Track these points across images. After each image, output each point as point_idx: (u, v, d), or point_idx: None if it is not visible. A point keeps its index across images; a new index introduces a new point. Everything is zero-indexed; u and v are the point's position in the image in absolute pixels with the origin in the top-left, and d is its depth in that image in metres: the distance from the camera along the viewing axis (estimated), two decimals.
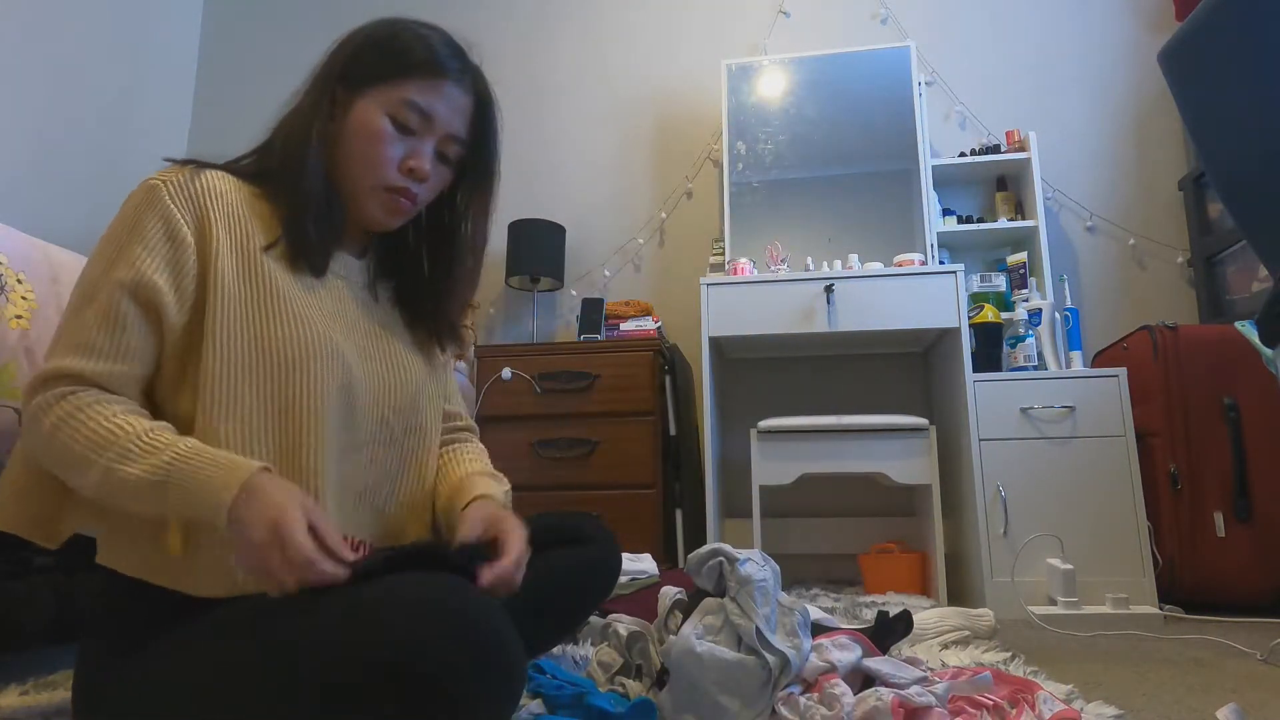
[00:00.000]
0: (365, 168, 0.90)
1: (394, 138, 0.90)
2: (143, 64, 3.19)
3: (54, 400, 0.76)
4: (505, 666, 0.68)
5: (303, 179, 0.88)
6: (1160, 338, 2.11)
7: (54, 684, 1.17)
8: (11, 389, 1.09)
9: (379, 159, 0.89)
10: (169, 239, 0.82)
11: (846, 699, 0.88)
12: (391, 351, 0.97)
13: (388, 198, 0.91)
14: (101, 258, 0.81)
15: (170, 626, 0.76)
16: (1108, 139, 2.80)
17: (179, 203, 0.83)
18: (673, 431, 2.46)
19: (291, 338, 0.83)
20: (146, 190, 0.83)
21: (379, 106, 0.89)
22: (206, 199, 0.85)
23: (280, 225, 0.89)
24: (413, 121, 0.90)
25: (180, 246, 0.82)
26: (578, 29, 3.23)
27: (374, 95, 0.90)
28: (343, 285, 0.95)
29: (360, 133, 0.89)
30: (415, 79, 0.90)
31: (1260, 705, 1.13)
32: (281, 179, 0.89)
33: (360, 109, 0.90)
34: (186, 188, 0.84)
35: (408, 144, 0.91)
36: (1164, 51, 1.25)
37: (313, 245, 0.89)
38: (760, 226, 2.70)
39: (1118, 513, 2.03)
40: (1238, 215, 1.22)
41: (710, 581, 1.01)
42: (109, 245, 0.82)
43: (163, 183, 0.83)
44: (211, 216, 0.84)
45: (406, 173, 0.91)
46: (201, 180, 0.85)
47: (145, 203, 0.82)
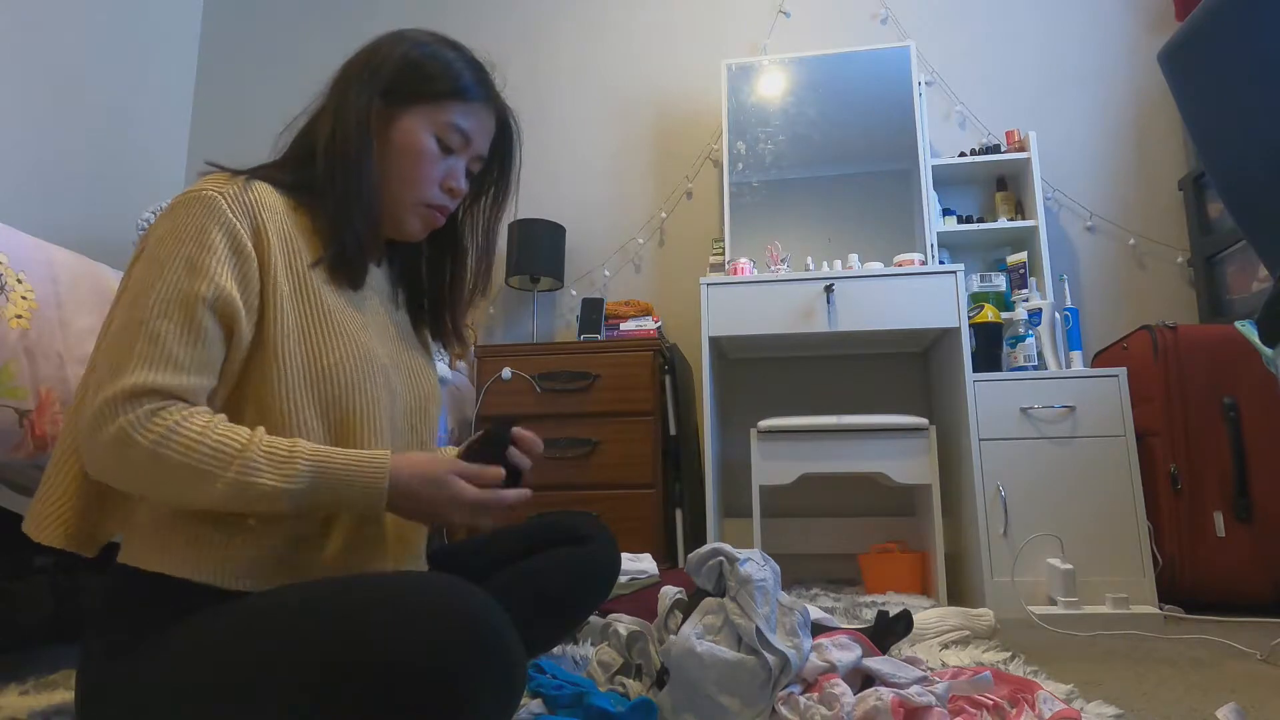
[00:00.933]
0: (409, 185, 0.92)
1: (438, 157, 0.93)
2: (143, 64, 3.19)
3: (147, 417, 0.74)
4: (506, 666, 0.68)
5: (361, 193, 0.89)
6: (1160, 337, 2.11)
7: (54, 683, 1.17)
8: (11, 388, 1.09)
9: (424, 178, 0.92)
10: (235, 252, 0.81)
11: (846, 699, 0.88)
12: (413, 359, 1.00)
13: (426, 213, 0.95)
14: (169, 270, 0.79)
15: (173, 626, 0.76)
16: (1108, 139, 2.80)
17: (238, 215, 0.82)
18: (673, 431, 2.46)
19: (346, 357, 0.85)
20: (205, 201, 0.81)
21: (426, 126, 0.92)
22: (260, 212, 0.84)
23: (323, 239, 0.89)
24: (454, 142, 0.94)
25: (246, 260, 0.82)
26: (578, 29, 3.23)
27: (419, 114, 0.92)
28: (374, 296, 0.97)
29: (407, 151, 0.91)
30: (459, 102, 0.93)
31: (1260, 705, 1.13)
32: (329, 193, 0.89)
33: (405, 126, 0.92)
34: (242, 199, 0.83)
35: (448, 163, 0.94)
36: (1164, 51, 1.25)
37: (359, 260, 0.91)
38: (760, 226, 2.70)
39: (1118, 513, 2.03)
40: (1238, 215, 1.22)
41: (710, 581, 1.01)
42: (174, 258, 0.79)
43: (219, 194, 0.82)
44: (266, 230, 0.84)
45: (446, 191, 0.95)
46: (253, 193, 0.85)
47: (207, 214, 0.80)
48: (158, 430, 0.74)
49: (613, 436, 2.38)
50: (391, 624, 0.66)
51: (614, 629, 1.15)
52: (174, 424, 0.75)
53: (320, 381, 0.83)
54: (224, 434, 0.76)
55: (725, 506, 2.62)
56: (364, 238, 0.90)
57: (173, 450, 0.74)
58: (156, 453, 0.74)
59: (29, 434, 1.11)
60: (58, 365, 1.15)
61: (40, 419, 1.12)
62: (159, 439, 0.74)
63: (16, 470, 1.20)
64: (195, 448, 0.75)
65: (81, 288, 1.23)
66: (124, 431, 0.74)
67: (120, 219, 2.91)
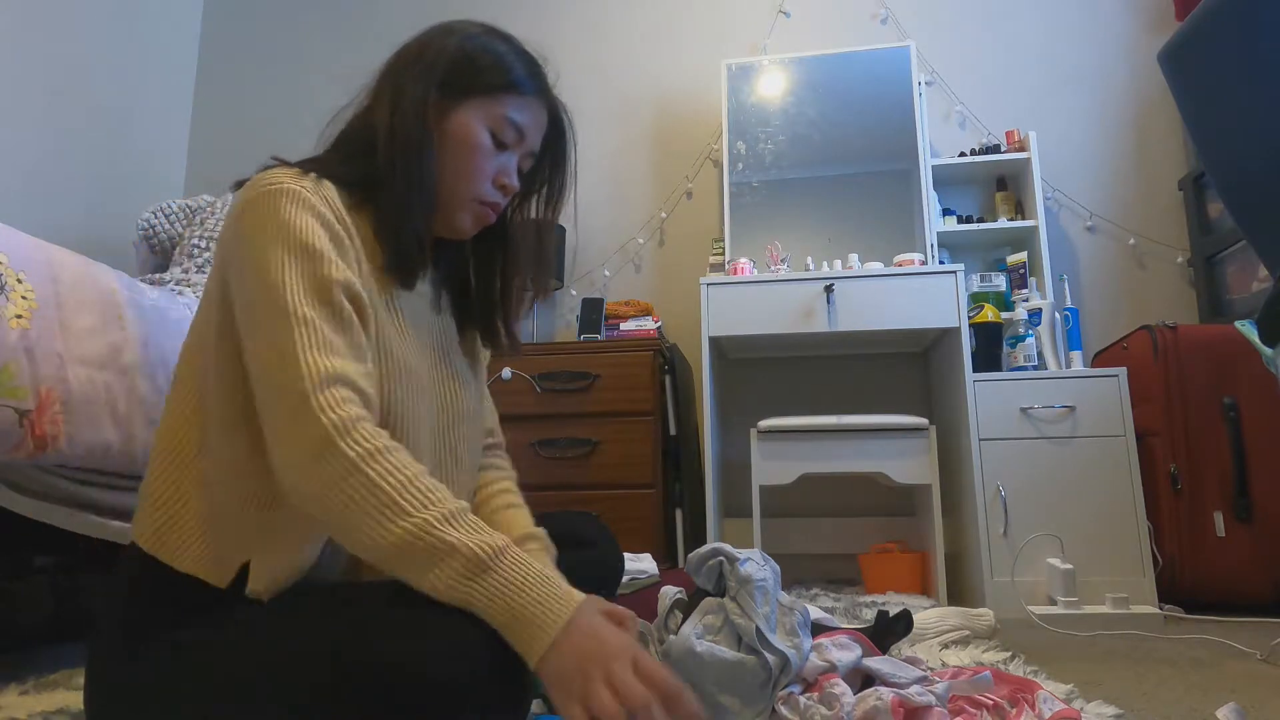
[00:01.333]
0: (463, 179, 0.88)
1: (492, 152, 0.89)
2: (143, 64, 3.19)
3: (355, 422, 0.69)
4: (512, 673, 0.68)
5: (423, 189, 0.86)
6: (1160, 337, 2.11)
7: (54, 683, 1.17)
8: (11, 388, 1.09)
9: (479, 172, 0.88)
10: (334, 241, 0.78)
11: (846, 698, 0.88)
12: (455, 369, 0.95)
13: (479, 209, 0.91)
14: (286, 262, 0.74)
15: (182, 627, 0.75)
16: (1108, 139, 2.80)
17: (324, 209, 0.79)
18: (673, 431, 2.46)
19: (387, 374, 0.81)
20: (290, 194, 0.77)
21: (481, 120, 0.88)
22: (338, 207, 0.81)
23: (381, 238, 0.85)
24: (509, 137, 0.90)
25: (345, 250, 0.79)
26: (578, 29, 3.23)
27: (475, 107, 0.88)
28: (418, 300, 0.93)
29: (462, 144, 0.88)
30: (513, 95, 0.90)
31: (1260, 705, 1.13)
32: (390, 185, 0.85)
33: (461, 119, 0.88)
34: (320, 193, 0.80)
35: (501, 159, 0.91)
36: (1164, 51, 1.25)
37: (415, 259, 0.87)
38: (760, 226, 2.69)
39: (1118, 513, 2.03)
40: (1238, 215, 1.22)
41: (710, 581, 1.00)
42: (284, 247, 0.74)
43: (300, 188, 0.78)
44: (346, 227, 0.81)
45: (499, 187, 0.91)
46: (324, 190, 0.81)
47: (296, 207, 0.76)
48: (365, 443, 0.69)
49: (613, 436, 2.38)
50: (399, 630, 0.66)
51: None
52: (385, 447, 0.70)
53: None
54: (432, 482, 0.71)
55: (725, 506, 2.62)
56: (423, 233, 0.86)
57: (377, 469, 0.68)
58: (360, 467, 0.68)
59: (29, 434, 1.11)
60: (58, 365, 1.15)
61: (40, 419, 1.12)
62: (366, 454, 0.69)
63: (16, 471, 1.20)
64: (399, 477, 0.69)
65: (82, 288, 1.23)
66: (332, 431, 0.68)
67: (120, 219, 2.90)
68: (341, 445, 0.68)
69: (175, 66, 3.39)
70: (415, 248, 0.86)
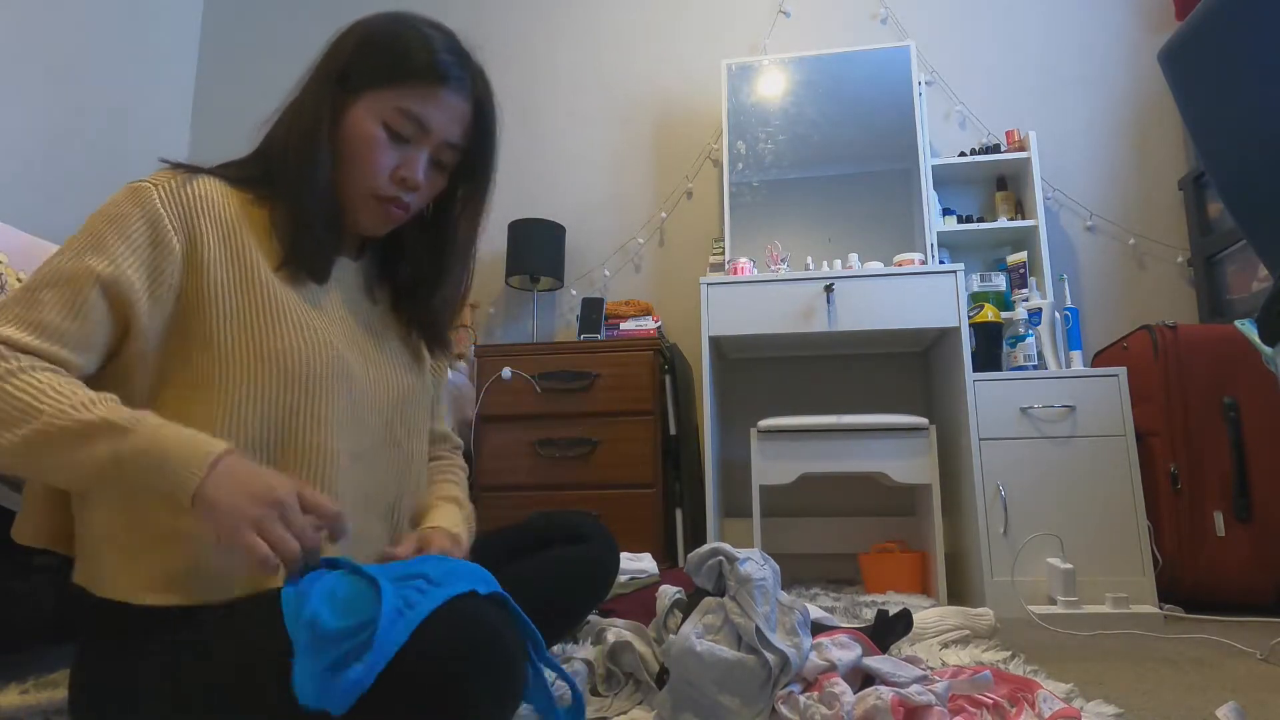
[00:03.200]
0: (358, 175, 0.88)
1: (387, 145, 0.87)
2: (143, 63, 3.19)
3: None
4: (505, 667, 0.68)
5: (314, 185, 0.86)
6: (1160, 337, 2.11)
7: (54, 682, 1.17)
8: None
9: (371, 167, 0.87)
10: (153, 243, 0.80)
11: (846, 698, 0.88)
12: (390, 354, 0.96)
13: (378, 205, 0.90)
14: (75, 246, 0.78)
15: (165, 627, 0.75)
16: (1108, 139, 2.80)
17: (169, 208, 0.81)
18: (673, 431, 2.46)
19: (294, 348, 0.82)
20: (135, 191, 0.81)
21: (374, 113, 0.87)
22: (198, 206, 0.83)
23: (279, 232, 0.86)
24: (407, 130, 0.88)
25: (164, 252, 0.80)
26: (578, 29, 3.23)
27: (370, 100, 0.87)
28: (339, 289, 0.93)
29: (355, 139, 0.87)
30: (412, 85, 0.87)
31: (1260, 704, 1.13)
32: (287, 184, 0.87)
33: (356, 114, 0.87)
34: (178, 194, 0.82)
35: (401, 152, 0.89)
36: (1164, 51, 1.25)
37: (319, 253, 0.88)
38: (760, 226, 2.70)
39: (1118, 512, 2.03)
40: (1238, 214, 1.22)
41: (710, 581, 1.01)
42: (86, 236, 0.79)
43: (154, 185, 0.81)
44: (202, 225, 0.82)
45: (398, 182, 0.89)
46: (194, 187, 0.83)
47: (133, 202, 0.80)
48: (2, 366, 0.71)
49: (613, 436, 2.38)
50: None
51: (604, 635, 1.13)
52: (17, 368, 0.72)
53: (265, 372, 0.80)
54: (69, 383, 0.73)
55: (725, 506, 2.62)
56: (319, 229, 0.87)
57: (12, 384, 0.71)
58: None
59: None
60: None
61: None
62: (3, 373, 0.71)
63: None
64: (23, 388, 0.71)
65: None
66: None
67: None
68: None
69: (175, 66, 3.39)
70: (311, 244, 0.87)
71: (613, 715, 0.99)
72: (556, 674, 0.83)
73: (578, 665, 1.09)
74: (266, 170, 0.89)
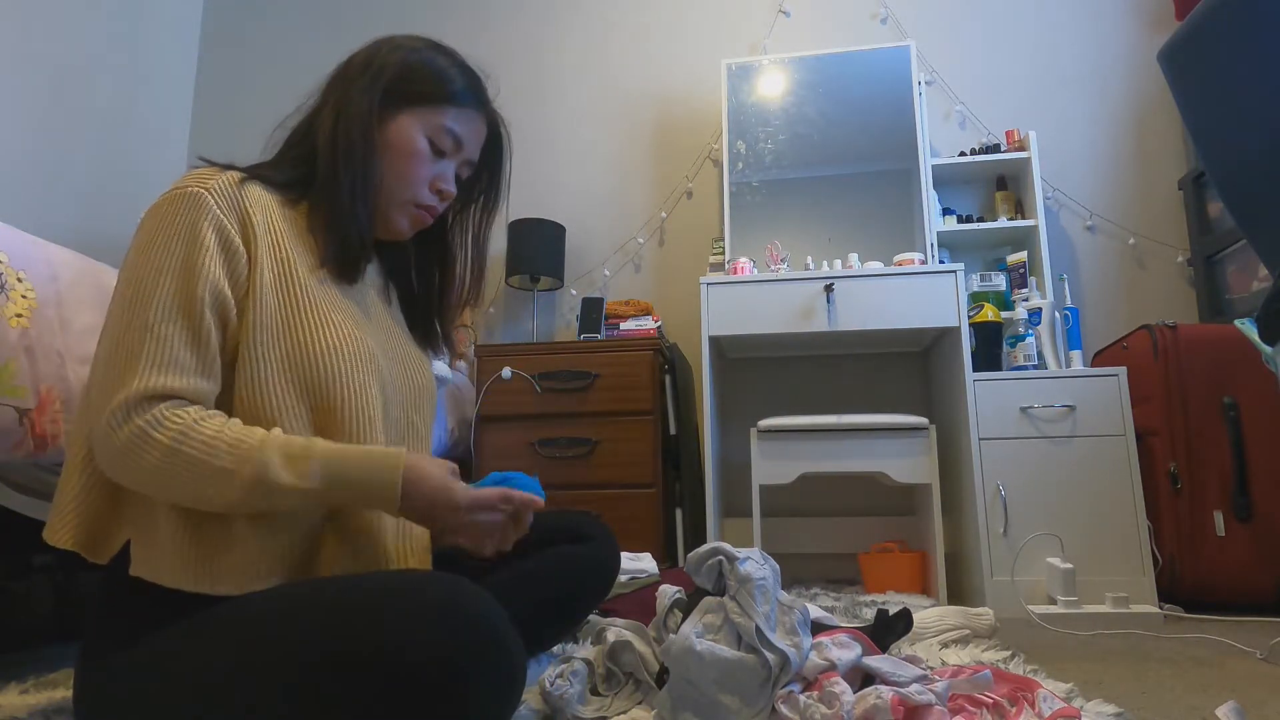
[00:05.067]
0: (401, 184, 0.94)
1: (429, 159, 0.95)
2: (143, 63, 3.19)
3: (163, 418, 0.75)
4: (506, 664, 0.68)
5: (364, 190, 0.91)
6: (1160, 337, 2.11)
7: (54, 682, 1.17)
8: (11, 387, 1.09)
9: (416, 178, 0.95)
10: (224, 249, 0.81)
11: (846, 697, 0.88)
12: (407, 352, 1.02)
13: (416, 213, 0.97)
14: (166, 272, 0.79)
15: (172, 625, 0.76)
16: (1108, 139, 2.80)
17: (227, 215, 0.82)
18: (673, 431, 2.46)
19: (333, 346, 0.85)
20: (192, 198, 0.81)
21: (420, 127, 0.94)
22: (248, 206, 0.85)
23: (319, 236, 0.91)
24: (446, 145, 0.96)
25: (235, 256, 0.82)
26: (579, 29, 3.23)
27: (414, 116, 0.94)
28: (369, 290, 0.99)
29: (401, 150, 0.93)
30: (452, 106, 0.96)
31: (1260, 704, 1.13)
32: (334, 188, 0.90)
33: (401, 126, 0.94)
34: (229, 194, 0.83)
35: (439, 166, 0.97)
36: (1164, 51, 1.25)
37: (360, 254, 0.93)
38: (760, 226, 2.70)
39: (1118, 512, 2.03)
40: (1237, 214, 1.22)
41: (710, 580, 1.00)
42: (168, 257, 0.79)
43: (206, 190, 0.82)
44: (253, 225, 0.84)
45: (436, 192, 0.97)
46: (241, 189, 0.85)
47: (195, 210, 0.81)
48: (174, 428, 0.75)
49: (613, 436, 2.38)
50: (393, 622, 0.66)
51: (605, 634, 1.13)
52: (191, 422, 0.75)
53: (305, 369, 0.83)
54: (240, 433, 0.77)
55: (725, 506, 2.62)
56: (363, 232, 0.92)
57: (191, 447, 0.74)
58: (175, 450, 0.74)
59: (29, 433, 1.11)
60: (58, 364, 1.15)
61: (40, 418, 1.12)
62: (177, 436, 0.74)
63: (17, 469, 1.20)
64: (213, 445, 0.75)
65: (82, 286, 1.23)
66: (142, 431, 0.74)
67: (120, 219, 2.90)
68: (155, 435, 0.74)
69: (175, 66, 3.39)
70: (357, 246, 0.91)
71: (613, 715, 0.99)
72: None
73: (578, 665, 1.09)
74: (307, 173, 0.93)
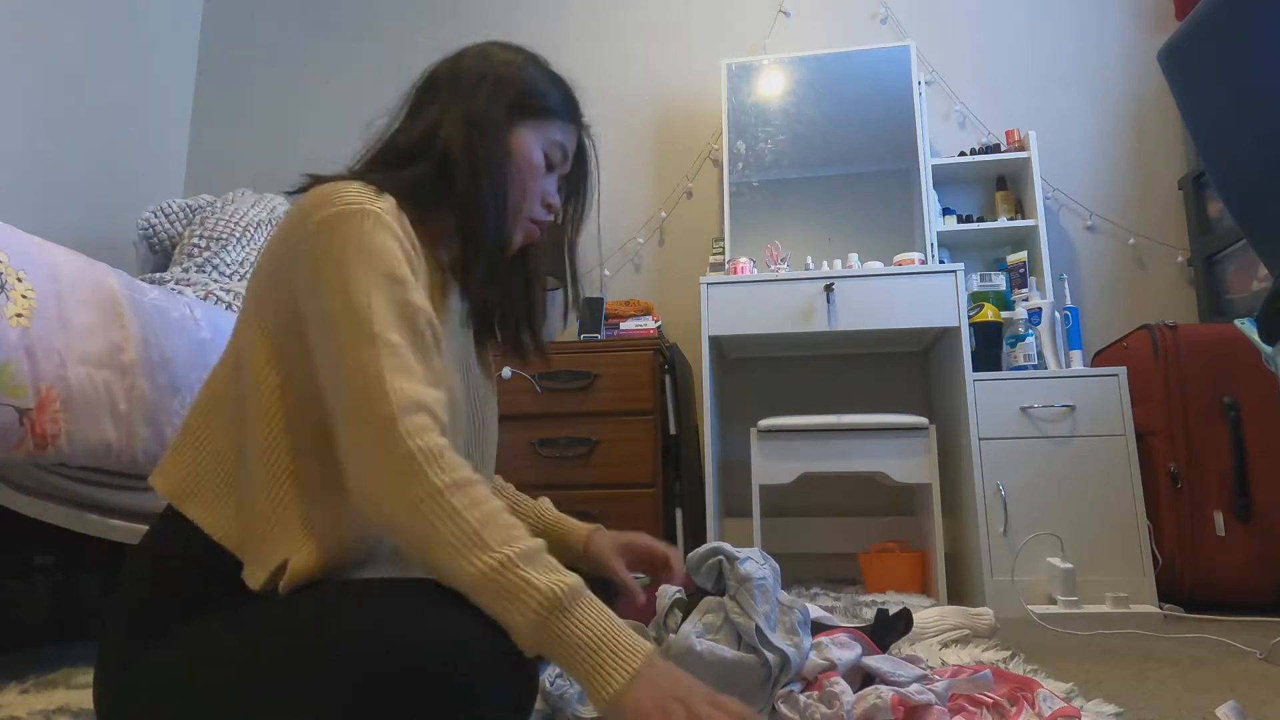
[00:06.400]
0: (520, 197, 0.90)
1: (543, 173, 0.93)
2: (143, 64, 3.19)
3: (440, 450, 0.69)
4: (518, 672, 0.68)
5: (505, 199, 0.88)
6: (1160, 337, 2.11)
7: (54, 682, 1.17)
8: (11, 387, 1.09)
9: (533, 192, 0.92)
10: (410, 265, 0.78)
11: (846, 697, 0.88)
12: (479, 385, 0.98)
13: (530, 227, 0.94)
14: (374, 285, 0.73)
15: (195, 624, 0.75)
16: (1107, 139, 2.80)
17: (402, 236, 0.79)
18: (673, 431, 2.46)
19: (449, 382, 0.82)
20: (370, 215, 0.76)
21: (538, 141, 0.92)
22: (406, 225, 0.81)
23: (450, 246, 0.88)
24: (557, 159, 0.95)
25: (418, 273, 0.79)
26: (578, 28, 3.23)
27: (532, 129, 0.92)
28: (451, 314, 0.93)
29: (522, 163, 0.90)
30: (561, 120, 0.95)
31: (1260, 704, 1.13)
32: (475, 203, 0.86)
33: (522, 139, 0.91)
34: (394, 213, 0.79)
35: (548, 180, 0.95)
36: (1164, 51, 1.25)
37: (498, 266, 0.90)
38: (760, 226, 2.70)
39: (1117, 512, 2.03)
40: (1237, 213, 1.22)
41: (709, 580, 1.00)
42: (367, 270, 0.74)
43: (380, 211, 0.77)
44: (417, 249, 0.82)
45: (545, 207, 0.95)
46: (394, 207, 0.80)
47: (380, 230, 0.76)
48: (452, 475, 0.68)
49: (613, 436, 2.38)
50: (407, 628, 0.66)
51: None
52: (468, 480, 0.69)
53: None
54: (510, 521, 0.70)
55: (725, 506, 2.62)
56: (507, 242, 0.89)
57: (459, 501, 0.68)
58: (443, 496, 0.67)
59: (29, 433, 1.11)
60: (58, 364, 1.15)
61: (40, 418, 1.12)
62: (452, 485, 0.68)
63: (17, 469, 1.20)
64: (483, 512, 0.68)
65: (82, 286, 1.23)
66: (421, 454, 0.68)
67: (120, 219, 2.90)
68: (428, 472, 0.68)
69: (175, 66, 3.39)
70: (499, 256, 0.89)
71: None
72: None
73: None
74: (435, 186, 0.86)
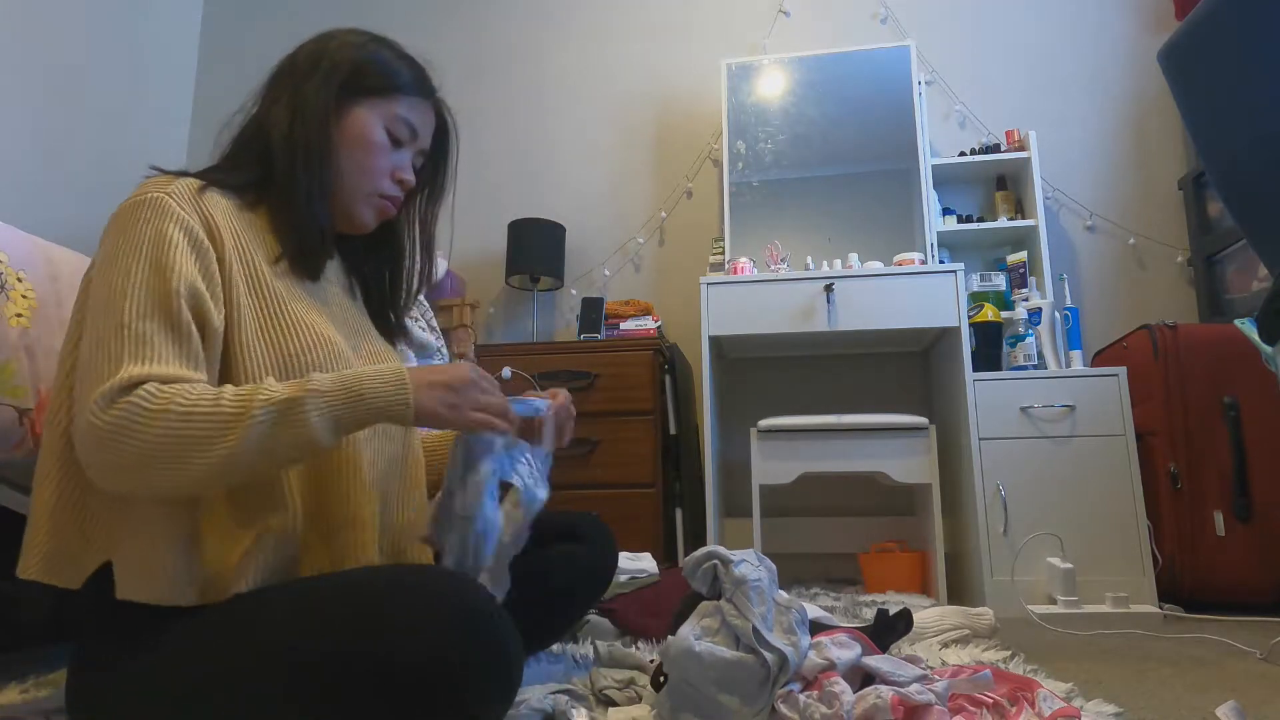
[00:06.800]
0: (363, 176, 0.94)
1: (388, 149, 0.95)
2: (143, 63, 3.19)
3: (148, 397, 0.71)
4: (503, 660, 0.68)
5: (324, 186, 0.91)
6: (1160, 337, 2.11)
7: (53, 682, 1.17)
8: (11, 387, 1.09)
9: (377, 169, 0.95)
10: (194, 248, 0.80)
11: (846, 697, 0.88)
12: (376, 347, 1.01)
13: (379, 203, 0.97)
14: (136, 274, 0.76)
15: (165, 627, 0.75)
16: (1107, 138, 2.80)
17: (191, 215, 0.81)
18: (673, 431, 2.46)
19: (307, 347, 0.85)
20: (153, 203, 0.80)
21: (377, 119, 0.94)
22: (209, 209, 0.84)
23: (280, 234, 0.90)
24: (403, 135, 0.96)
25: (205, 254, 0.81)
26: (578, 28, 3.23)
27: (371, 107, 0.94)
28: (332, 286, 0.98)
29: (360, 142, 0.93)
30: (405, 96, 0.96)
31: (1260, 704, 1.13)
32: (293, 185, 0.89)
33: (357, 119, 0.93)
34: (192, 200, 0.83)
35: (397, 156, 0.97)
36: (1164, 50, 1.25)
37: (322, 251, 0.93)
38: (760, 226, 2.69)
39: (1117, 512, 2.03)
40: (1237, 213, 1.22)
41: (705, 584, 1.00)
42: (137, 259, 0.77)
43: (165, 194, 0.81)
44: (216, 226, 0.83)
45: (397, 182, 0.97)
46: (201, 194, 0.85)
47: (158, 214, 0.79)
48: (157, 405, 0.71)
49: (613, 436, 2.38)
50: (391, 617, 0.66)
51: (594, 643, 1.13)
52: (172, 396, 0.72)
53: (282, 372, 0.82)
54: (238, 390, 0.75)
55: (725, 506, 2.62)
56: (325, 228, 0.92)
57: (174, 418, 0.71)
58: (162, 423, 0.70)
59: (29, 432, 1.11)
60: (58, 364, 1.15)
61: (40, 418, 1.12)
62: (157, 411, 0.71)
63: (17, 469, 1.20)
64: (200, 409, 0.72)
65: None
66: (128, 408, 0.70)
67: None
68: (146, 405, 0.71)
69: (175, 66, 3.39)
70: (318, 242, 0.91)
71: (612, 715, 0.99)
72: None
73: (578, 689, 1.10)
74: (263, 173, 0.91)
